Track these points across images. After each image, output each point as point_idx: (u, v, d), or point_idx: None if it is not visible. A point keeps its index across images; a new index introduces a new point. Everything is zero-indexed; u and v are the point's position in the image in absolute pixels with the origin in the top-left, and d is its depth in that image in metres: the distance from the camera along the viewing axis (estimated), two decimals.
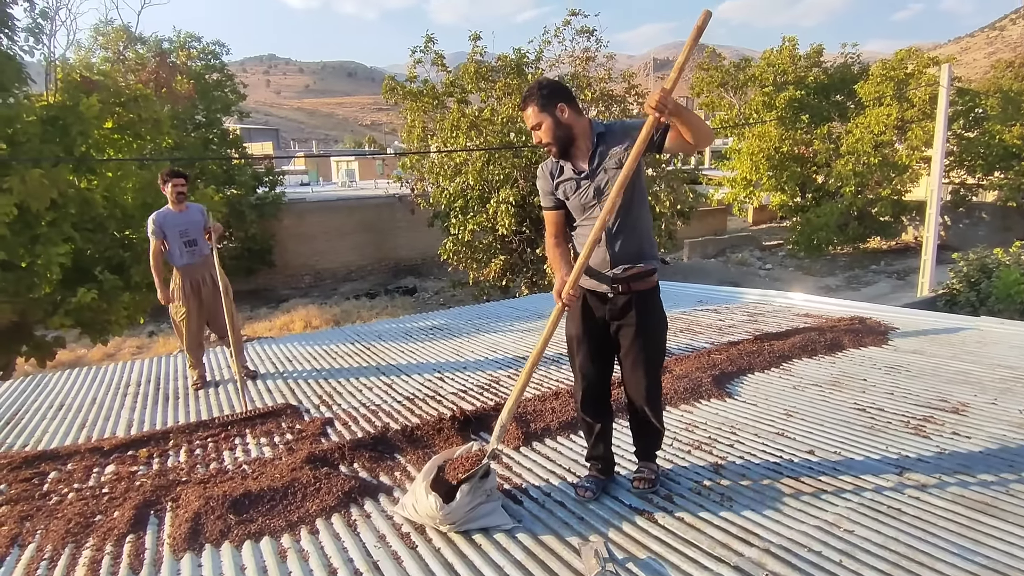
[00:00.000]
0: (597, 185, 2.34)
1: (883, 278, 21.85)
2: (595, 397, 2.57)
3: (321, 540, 2.36)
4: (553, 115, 2.31)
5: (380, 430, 3.42)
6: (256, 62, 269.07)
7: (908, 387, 3.74)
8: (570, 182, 2.40)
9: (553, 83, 2.37)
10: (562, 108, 2.30)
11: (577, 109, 2.35)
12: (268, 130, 67.39)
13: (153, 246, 4.45)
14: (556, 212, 2.47)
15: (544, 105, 2.30)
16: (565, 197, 2.43)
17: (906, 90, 21.93)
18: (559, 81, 2.41)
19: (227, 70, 22.90)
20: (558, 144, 2.34)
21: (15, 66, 9.37)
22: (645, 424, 2.58)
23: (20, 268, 8.86)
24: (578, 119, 2.34)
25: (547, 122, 2.31)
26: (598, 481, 2.63)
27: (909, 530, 2.22)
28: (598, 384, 2.57)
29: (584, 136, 2.35)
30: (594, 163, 2.35)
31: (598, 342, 2.51)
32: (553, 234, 2.51)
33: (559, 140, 2.33)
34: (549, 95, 2.30)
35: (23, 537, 2.50)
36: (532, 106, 2.32)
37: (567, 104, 2.31)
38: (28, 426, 3.94)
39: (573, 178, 2.39)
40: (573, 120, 2.33)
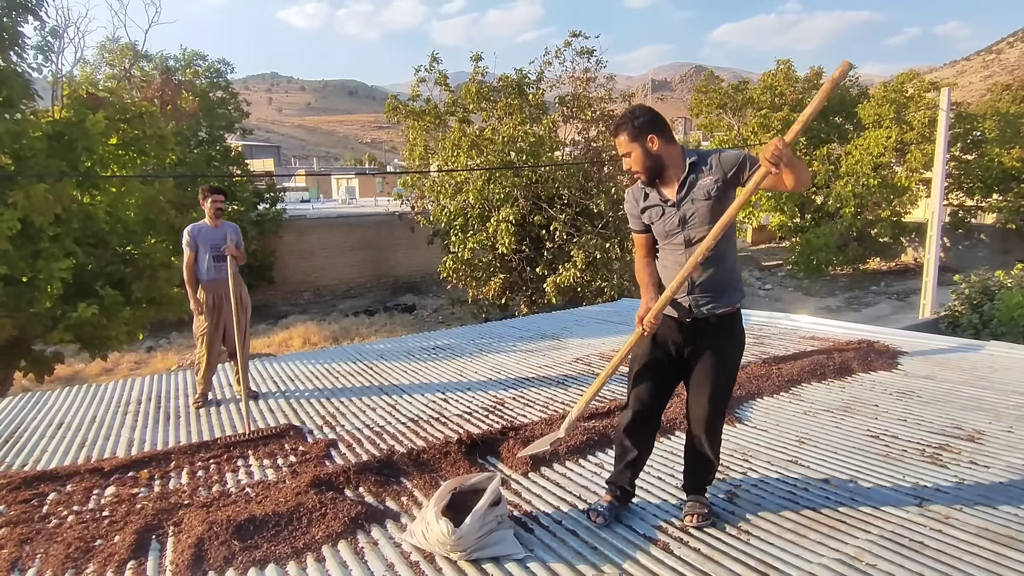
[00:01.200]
0: (683, 215, 2.35)
1: (883, 299, 21.85)
2: (643, 424, 2.51)
3: (328, 568, 2.30)
4: (643, 146, 2.32)
5: (385, 453, 3.36)
6: (259, 80, 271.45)
7: (921, 413, 3.70)
8: (656, 208, 2.41)
9: (646, 114, 2.35)
10: (652, 139, 2.31)
11: (669, 138, 2.35)
12: (270, 147, 67.77)
13: (187, 257, 4.45)
14: (644, 235, 2.50)
15: (635, 136, 2.32)
16: (650, 222, 2.44)
17: (905, 113, 22.13)
18: (653, 111, 2.37)
19: (231, 88, 23.06)
20: (647, 173, 2.37)
21: (22, 83, 9.41)
22: (699, 454, 2.51)
23: (21, 283, 8.82)
24: (668, 148, 2.34)
25: (636, 152, 2.34)
26: (612, 508, 2.57)
27: (933, 564, 2.17)
28: (650, 411, 2.50)
29: (675, 165, 2.36)
30: (682, 192, 2.35)
31: (663, 368, 2.47)
32: (642, 255, 2.53)
33: (648, 170, 2.36)
34: (641, 127, 2.31)
35: (23, 561, 2.44)
36: (624, 135, 2.34)
37: (658, 135, 2.31)
38: (27, 444, 3.88)
39: (659, 205, 2.40)
40: (663, 150, 2.33)
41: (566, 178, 15.36)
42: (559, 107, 16.91)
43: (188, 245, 4.44)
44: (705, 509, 2.52)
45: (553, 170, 15.37)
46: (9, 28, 9.52)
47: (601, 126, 16.73)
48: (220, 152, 21.72)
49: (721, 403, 2.45)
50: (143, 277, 10.01)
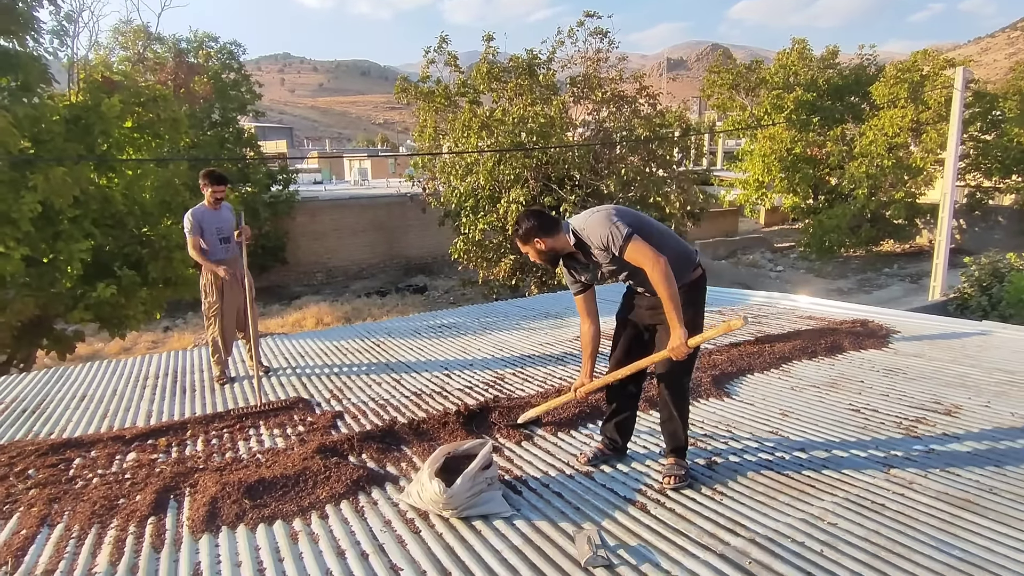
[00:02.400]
0: (606, 271, 2.74)
1: (896, 281, 21.73)
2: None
3: (330, 524, 2.50)
4: (535, 247, 2.72)
5: (388, 423, 3.55)
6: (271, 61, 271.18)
7: (904, 389, 3.82)
8: (588, 274, 2.79)
9: (528, 222, 2.69)
10: (539, 241, 2.70)
11: (550, 234, 2.69)
12: (282, 128, 67.95)
13: (192, 241, 4.61)
14: (583, 296, 2.85)
15: (525, 241, 2.73)
16: (591, 281, 2.83)
17: (921, 92, 21.79)
18: (537, 216, 2.70)
19: (243, 70, 23.19)
20: (549, 262, 2.78)
21: (39, 67, 9.62)
22: (667, 415, 2.74)
23: (42, 263, 9.11)
24: (556, 239, 2.70)
25: (531, 251, 2.74)
26: (599, 453, 2.94)
27: (891, 524, 2.32)
28: (625, 360, 2.81)
29: (565, 247, 2.72)
30: (589, 261, 2.72)
31: (635, 325, 2.85)
32: (583, 316, 2.87)
33: (547, 260, 2.76)
34: (526, 234, 2.70)
35: (52, 517, 2.66)
36: (519, 241, 2.77)
37: (540, 237, 2.69)
38: (53, 415, 4.12)
39: (587, 269, 2.77)
40: (552, 243, 2.71)
41: (577, 159, 15.40)
42: (570, 88, 16.88)
43: (192, 231, 4.58)
44: (682, 471, 2.69)
45: (563, 151, 15.40)
46: (25, 13, 9.71)
47: (612, 107, 16.70)
48: (233, 134, 21.91)
49: (683, 363, 2.66)
50: (159, 258, 10.27)
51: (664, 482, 2.67)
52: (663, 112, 17.69)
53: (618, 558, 2.17)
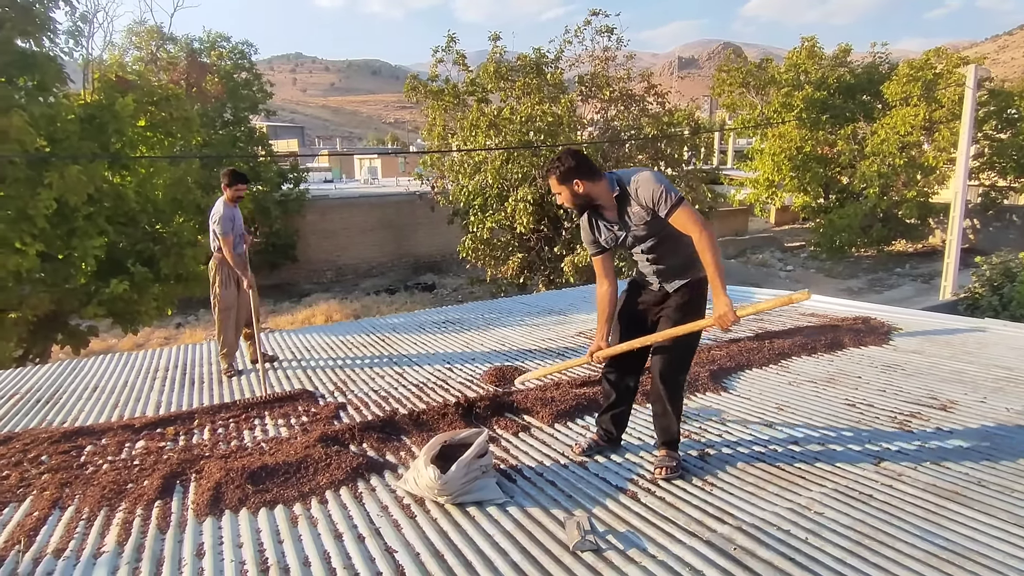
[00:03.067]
0: (633, 235, 2.69)
1: (907, 281, 21.57)
2: (618, 367, 2.88)
3: (329, 509, 2.58)
4: (570, 188, 2.63)
5: (389, 414, 3.63)
6: (283, 60, 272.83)
7: (901, 385, 3.85)
8: (609, 235, 2.75)
9: (569, 161, 2.61)
10: (578, 183, 2.62)
11: (592, 178, 2.62)
12: (294, 128, 68.44)
13: (228, 242, 4.68)
14: (601, 257, 2.82)
15: (562, 180, 2.63)
16: (608, 245, 2.78)
17: (934, 90, 21.59)
18: (579, 156, 2.64)
19: (255, 69, 23.42)
20: (578, 209, 2.73)
21: (55, 67, 9.81)
22: (661, 408, 2.77)
23: (58, 259, 9.30)
24: (595, 185, 2.63)
25: (565, 192, 2.66)
26: (594, 444, 2.96)
27: (877, 514, 2.36)
28: (625, 356, 2.83)
29: (604, 198, 2.66)
30: (623, 219, 2.68)
31: (638, 316, 2.84)
32: (600, 278, 2.85)
33: (578, 206, 2.71)
34: (565, 173, 2.61)
35: (63, 500, 2.76)
36: (552, 177, 2.66)
37: (580, 179, 2.61)
38: (66, 405, 4.24)
39: (610, 231, 2.74)
40: (590, 188, 2.63)
41: None
42: (578, 86, 16.91)
43: (226, 231, 4.66)
44: (673, 463, 2.74)
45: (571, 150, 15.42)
46: (42, 14, 9.91)
47: (620, 105, 16.71)
48: (245, 133, 22.15)
49: (678, 360, 2.73)
50: (171, 254, 10.45)
51: (656, 473, 2.72)
52: (672, 111, 17.69)
53: (606, 543, 2.23)
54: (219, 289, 4.85)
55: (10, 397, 4.44)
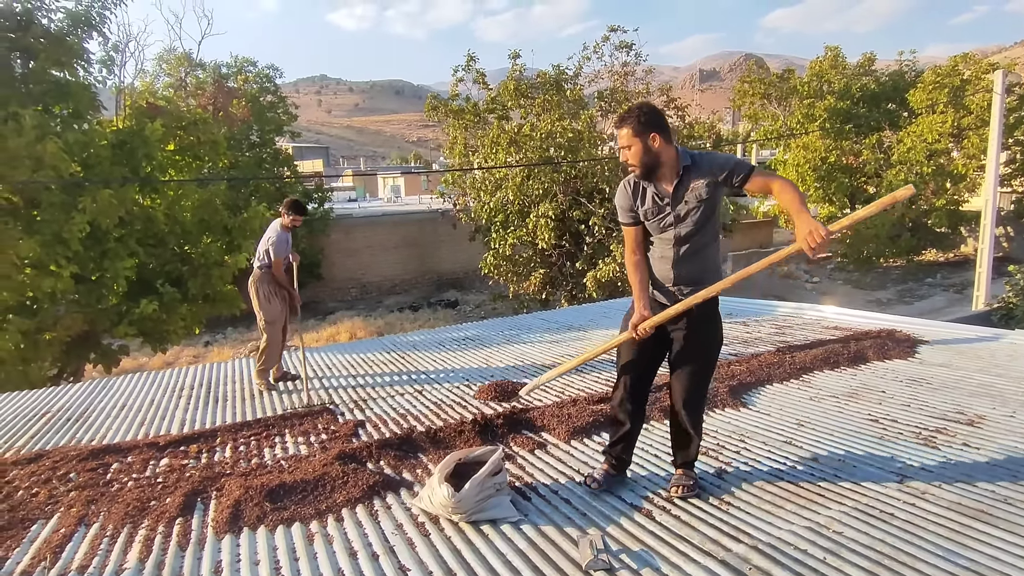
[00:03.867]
0: (677, 213, 2.49)
1: (939, 292, 21.05)
2: (633, 397, 2.70)
3: (345, 527, 2.60)
4: (645, 142, 2.43)
5: (406, 432, 3.66)
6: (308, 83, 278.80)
7: (927, 399, 3.76)
8: (653, 205, 2.54)
9: (651, 112, 2.47)
10: (654, 137, 2.43)
11: (668, 139, 2.47)
12: (319, 148, 69.74)
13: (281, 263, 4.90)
14: (635, 228, 2.61)
15: (639, 131, 2.43)
16: (645, 218, 2.57)
17: (962, 97, 21.21)
18: (658, 110, 2.50)
19: (280, 92, 23.99)
20: (643, 168, 2.48)
21: (89, 95, 10.19)
22: (681, 430, 2.69)
23: (91, 281, 9.58)
24: (667, 148, 2.46)
25: (637, 147, 2.44)
26: (608, 476, 2.79)
27: (898, 533, 2.31)
28: (639, 385, 2.70)
29: (670, 165, 2.47)
30: (678, 192, 2.49)
31: (648, 344, 2.62)
32: (632, 249, 2.64)
33: (644, 165, 2.47)
34: (646, 123, 2.43)
35: (89, 518, 2.83)
36: (627, 128, 2.45)
37: (659, 134, 2.43)
38: (95, 423, 4.35)
39: (656, 202, 2.53)
40: (662, 149, 2.45)
41: (606, 172, 15.45)
42: (597, 102, 16.99)
43: (280, 254, 4.87)
44: (691, 481, 2.70)
45: (592, 165, 15.48)
46: (76, 45, 10.31)
47: None
48: (270, 155, 22.65)
49: (701, 382, 2.64)
50: (199, 275, 10.69)
51: (672, 491, 2.68)
52: (692, 124, 17.64)
53: (619, 562, 2.21)
54: (264, 303, 4.97)
55: (42, 415, 4.57)
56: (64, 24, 10.30)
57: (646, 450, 3.18)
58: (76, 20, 10.36)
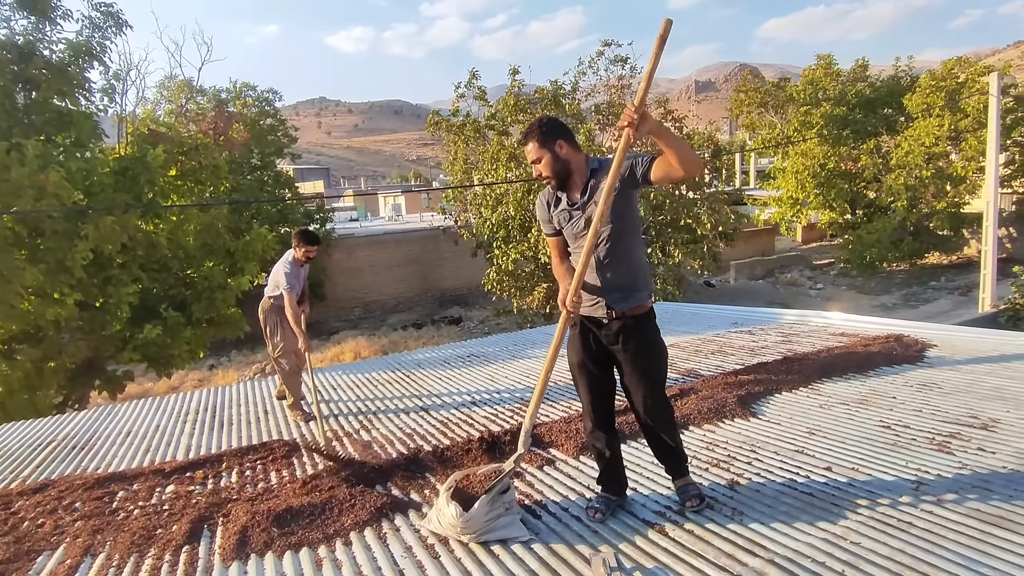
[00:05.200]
0: (588, 216, 2.47)
1: (944, 295, 20.96)
2: (601, 423, 2.68)
3: (354, 551, 2.56)
4: (552, 150, 2.45)
5: (413, 451, 3.62)
6: (308, 105, 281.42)
7: (938, 404, 3.71)
8: (564, 212, 2.55)
9: (552, 121, 2.51)
10: (560, 144, 2.45)
11: (575, 145, 2.49)
12: (319, 169, 70.19)
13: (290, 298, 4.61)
14: (556, 238, 2.64)
15: (544, 141, 2.45)
16: (559, 225, 2.59)
17: (958, 100, 21.29)
18: (557, 119, 2.55)
19: (280, 115, 24.20)
20: (556, 177, 2.49)
21: (91, 124, 10.28)
22: (661, 444, 2.68)
23: (94, 307, 9.59)
24: (575, 154, 2.48)
25: (546, 157, 2.46)
26: (608, 502, 2.72)
27: (918, 542, 2.26)
28: (602, 410, 2.68)
29: (580, 171, 2.50)
30: (585, 195, 2.49)
31: (598, 368, 2.62)
32: (557, 257, 2.68)
33: (557, 174, 2.48)
34: (548, 132, 2.45)
35: (95, 548, 2.79)
36: (533, 142, 2.47)
37: (565, 140, 2.46)
38: (100, 451, 4.32)
39: (566, 209, 2.54)
40: (571, 155, 2.47)
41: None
42: (595, 115, 17.08)
43: (291, 288, 4.59)
44: (696, 491, 2.67)
45: None
46: (77, 74, 10.42)
47: None
48: (272, 177, 22.79)
49: (658, 393, 2.60)
50: (202, 298, 10.69)
51: (687, 505, 2.64)
52: (690, 134, 17.72)
53: None
54: (272, 337, 4.83)
55: (48, 444, 4.54)
56: (66, 55, 10.42)
57: (656, 465, 3.12)
58: (78, 51, 10.48)
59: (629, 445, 3.45)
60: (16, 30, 10.08)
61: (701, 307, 8.33)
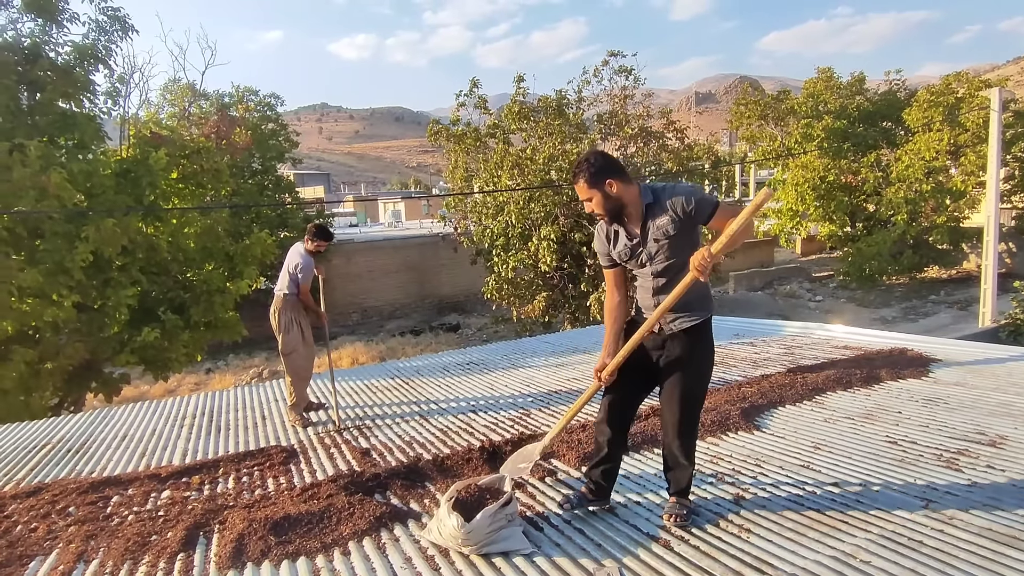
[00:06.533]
0: (649, 252, 2.50)
1: (943, 309, 20.96)
2: (613, 420, 2.66)
3: (352, 561, 2.51)
4: (602, 190, 2.43)
5: (413, 460, 3.57)
6: (309, 111, 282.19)
7: (945, 420, 3.68)
8: (625, 249, 2.55)
9: (600, 159, 2.46)
10: (610, 184, 2.43)
11: (626, 180, 2.46)
12: (320, 175, 70.30)
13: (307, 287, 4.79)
14: (613, 271, 2.64)
15: (593, 182, 2.43)
16: (621, 260, 2.59)
17: (957, 115, 21.38)
18: (608, 156, 2.51)
19: (281, 120, 24.23)
20: (609, 215, 2.49)
21: (94, 126, 10.26)
22: (674, 458, 2.63)
23: (92, 309, 9.53)
24: (627, 189, 2.45)
25: (597, 197, 2.45)
26: (582, 497, 2.75)
27: (928, 562, 2.22)
28: (621, 411, 2.67)
29: (634, 204, 2.47)
30: (644, 231, 2.49)
31: (634, 373, 2.59)
32: (611, 290, 2.68)
33: (609, 211, 2.48)
34: (598, 172, 2.42)
35: (88, 554, 2.74)
36: (582, 181, 2.45)
37: (615, 179, 2.43)
38: (95, 455, 4.26)
39: (627, 243, 2.54)
40: (622, 191, 2.44)
41: None
42: (598, 125, 17.12)
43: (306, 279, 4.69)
44: (684, 511, 2.60)
45: None
46: (82, 77, 10.41)
47: (640, 142, 16.85)
48: (272, 181, 22.77)
49: (692, 410, 2.56)
50: (201, 302, 10.64)
51: (666, 519, 2.60)
52: (691, 145, 17.75)
53: None
54: (282, 335, 4.81)
55: (42, 447, 4.49)
56: (71, 57, 10.41)
57: (660, 477, 3.08)
58: (83, 53, 10.48)
59: (632, 456, 3.42)
60: (23, 32, 10.09)
61: None
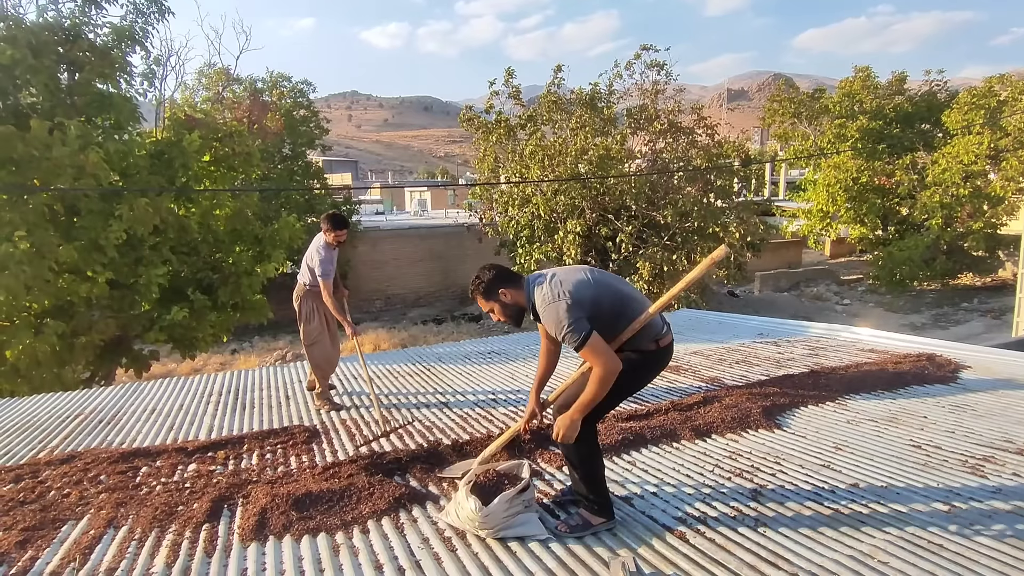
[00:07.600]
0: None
1: (976, 317, 20.43)
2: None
3: (371, 539, 2.57)
4: (499, 300, 2.54)
5: (432, 444, 3.62)
6: (339, 98, 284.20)
7: (972, 426, 3.61)
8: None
9: (490, 273, 2.54)
10: (504, 292, 2.52)
11: (517, 286, 2.52)
12: (348, 162, 70.87)
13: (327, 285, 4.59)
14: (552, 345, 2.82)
15: (487, 296, 2.54)
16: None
17: (999, 118, 20.75)
18: (498, 267, 2.58)
19: (312, 107, 24.45)
20: (512, 320, 2.58)
21: (131, 107, 10.47)
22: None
23: (125, 287, 9.77)
24: (520, 294, 2.52)
25: (496, 307, 2.55)
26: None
27: (948, 565, 2.19)
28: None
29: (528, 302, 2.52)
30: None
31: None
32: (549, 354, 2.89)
33: (511, 317, 2.57)
34: (488, 287, 2.53)
35: (118, 520, 2.84)
36: (478, 298, 2.57)
37: (507, 288, 2.52)
38: (125, 427, 4.40)
39: None
40: (515, 296, 2.53)
41: (633, 190, 15.39)
42: (627, 119, 16.98)
43: (327, 275, 4.54)
44: (575, 522, 2.55)
45: (620, 182, 15.43)
46: (120, 58, 10.63)
47: (669, 137, 16.69)
48: (302, 167, 23.03)
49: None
50: (229, 283, 10.83)
51: (557, 526, 2.55)
52: (721, 142, 17.52)
53: None
54: (303, 325, 4.77)
55: (75, 417, 4.64)
56: (109, 39, 10.63)
57: (677, 470, 3.09)
58: (121, 35, 10.69)
59: (650, 449, 3.42)
60: (64, 13, 10.32)
61: (725, 316, 8.23)
